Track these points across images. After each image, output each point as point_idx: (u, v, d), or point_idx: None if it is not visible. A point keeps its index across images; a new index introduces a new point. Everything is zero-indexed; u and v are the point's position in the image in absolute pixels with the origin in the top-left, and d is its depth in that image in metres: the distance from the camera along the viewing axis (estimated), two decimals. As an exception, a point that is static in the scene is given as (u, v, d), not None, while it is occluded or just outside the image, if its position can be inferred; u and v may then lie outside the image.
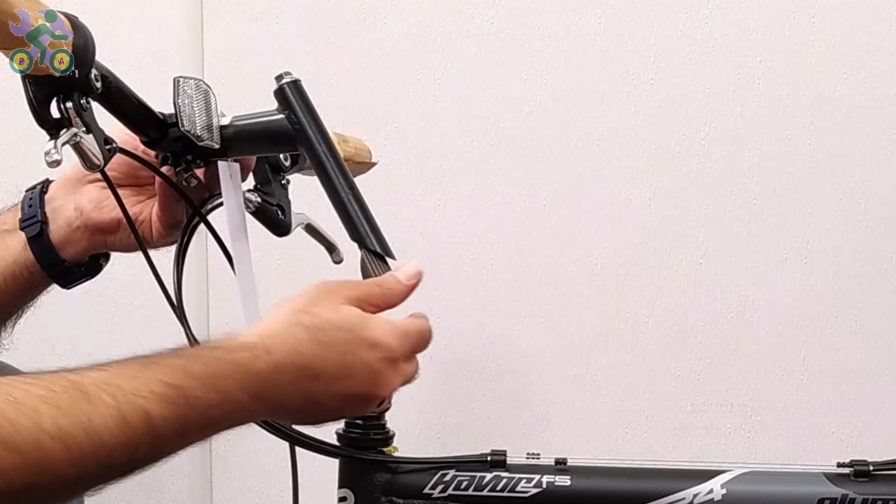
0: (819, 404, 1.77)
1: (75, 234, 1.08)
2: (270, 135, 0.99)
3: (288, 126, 0.98)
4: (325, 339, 0.85)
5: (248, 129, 0.99)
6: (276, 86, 0.98)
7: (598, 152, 1.72)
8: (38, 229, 1.07)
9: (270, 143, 1.00)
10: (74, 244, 1.08)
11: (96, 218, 1.07)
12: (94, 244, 1.09)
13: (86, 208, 1.07)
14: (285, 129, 0.98)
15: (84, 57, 0.83)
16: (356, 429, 1.05)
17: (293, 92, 0.98)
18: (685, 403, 1.77)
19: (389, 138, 1.72)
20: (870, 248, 1.74)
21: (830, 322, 1.75)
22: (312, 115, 0.98)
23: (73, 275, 1.11)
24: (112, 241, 1.09)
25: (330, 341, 0.85)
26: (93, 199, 1.07)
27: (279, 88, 0.98)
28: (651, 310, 1.75)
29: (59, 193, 1.08)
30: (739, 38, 1.70)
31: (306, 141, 0.98)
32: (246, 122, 0.99)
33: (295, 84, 0.98)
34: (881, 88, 1.71)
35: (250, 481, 1.77)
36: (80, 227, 1.07)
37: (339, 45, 1.70)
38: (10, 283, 1.10)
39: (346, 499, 1.04)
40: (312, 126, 0.98)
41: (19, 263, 1.09)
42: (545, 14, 1.70)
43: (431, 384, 1.76)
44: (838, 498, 1.03)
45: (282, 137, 0.98)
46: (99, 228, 1.07)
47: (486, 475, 1.04)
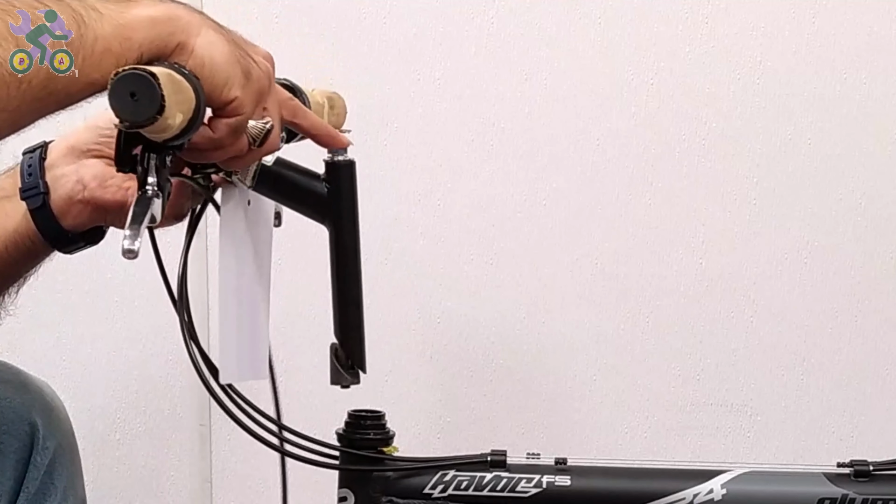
0: (819, 404, 1.77)
1: (76, 206, 1.07)
2: (305, 196, 1.00)
3: (326, 198, 0.99)
4: None
5: (286, 179, 0.99)
6: (330, 158, 0.99)
7: (598, 152, 1.72)
8: (40, 201, 1.06)
9: (299, 203, 1.00)
10: (75, 216, 1.07)
11: (99, 196, 1.06)
12: (95, 219, 1.08)
13: (90, 184, 1.06)
14: (322, 200, 0.99)
15: (195, 122, 0.82)
16: (356, 429, 1.05)
17: (345, 172, 1.00)
18: (685, 403, 1.77)
19: (389, 138, 1.71)
20: (870, 248, 1.74)
21: (830, 322, 1.75)
22: (353, 202, 1.00)
23: (74, 242, 1.10)
24: (112, 220, 1.08)
25: None
26: (97, 174, 1.06)
27: (333, 163, 0.99)
28: (651, 310, 1.75)
29: (60, 161, 1.07)
30: (739, 38, 1.70)
31: (337, 223, 0.99)
32: (288, 172, 0.99)
33: (350, 165, 1.00)
34: (881, 88, 1.71)
35: (250, 481, 1.77)
36: (81, 200, 1.06)
37: (339, 45, 1.70)
38: (11, 251, 1.09)
39: (346, 499, 1.04)
40: (349, 213, 1.00)
41: (20, 232, 1.08)
42: (545, 14, 1.70)
43: (431, 384, 1.76)
44: (838, 498, 1.03)
45: (315, 205, 0.99)
46: (101, 206, 1.06)
47: (486, 475, 1.04)
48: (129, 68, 0.79)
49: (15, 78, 0.75)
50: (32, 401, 1.18)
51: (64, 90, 0.78)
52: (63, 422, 1.21)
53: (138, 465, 1.77)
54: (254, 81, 0.86)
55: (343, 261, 1.01)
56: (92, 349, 1.74)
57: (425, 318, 1.74)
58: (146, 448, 1.77)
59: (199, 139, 0.85)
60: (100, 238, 1.11)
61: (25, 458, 1.16)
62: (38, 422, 1.17)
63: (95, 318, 1.73)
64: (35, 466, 1.16)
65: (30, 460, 1.16)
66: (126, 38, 0.80)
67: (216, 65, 0.83)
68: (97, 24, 0.79)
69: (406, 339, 1.72)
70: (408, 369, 1.73)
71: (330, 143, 0.99)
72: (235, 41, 0.86)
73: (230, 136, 0.86)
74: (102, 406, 1.75)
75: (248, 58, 0.87)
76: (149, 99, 0.78)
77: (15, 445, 1.15)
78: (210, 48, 0.83)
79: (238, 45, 0.86)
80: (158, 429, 1.76)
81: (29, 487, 1.16)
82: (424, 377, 1.75)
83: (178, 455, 1.77)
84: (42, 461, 1.16)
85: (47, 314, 1.69)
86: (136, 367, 1.73)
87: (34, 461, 1.16)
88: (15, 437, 1.15)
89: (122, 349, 1.74)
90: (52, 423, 1.18)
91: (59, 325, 1.72)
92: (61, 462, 1.19)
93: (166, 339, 1.69)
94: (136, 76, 0.78)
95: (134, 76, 0.78)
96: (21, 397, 1.17)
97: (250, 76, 0.86)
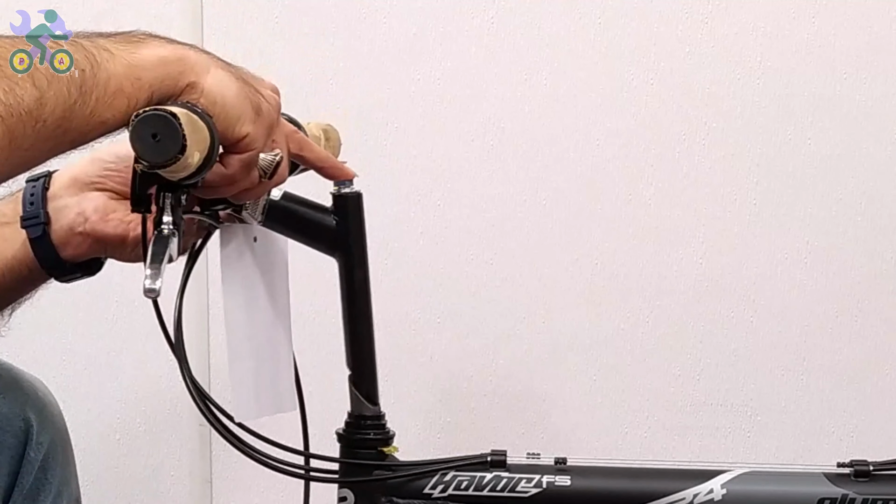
0: (819, 404, 1.77)
1: (77, 238, 1.07)
2: (314, 230, 1.01)
3: (335, 231, 1.00)
4: None
5: (295, 213, 1.01)
6: (337, 190, 1.00)
7: (598, 152, 1.72)
8: (40, 231, 1.06)
9: (308, 236, 1.02)
10: (75, 247, 1.08)
11: (100, 229, 1.06)
12: (94, 251, 1.08)
13: (91, 217, 1.06)
14: (331, 233, 1.00)
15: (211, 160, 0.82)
16: (356, 429, 1.05)
17: (353, 204, 1.01)
18: (685, 403, 1.77)
19: (389, 138, 1.71)
20: (870, 248, 1.74)
21: (830, 322, 1.75)
22: (362, 233, 1.01)
23: (72, 272, 1.11)
24: (111, 252, 1.08)
25: None
26: (99, 207, 1.06)
27: (341, 195, 1.01)
28: (651, 310, 1.75)
29: (63, 192, 1.07)
30: (739, 38, 1.70)
31: (347, 255, 1.01)
32: (295, 207, 1.01)
33: (358, 197, 1.01)
34: (881, 88, 1.71)
35: (250, 481, 1.77)
36: (82, 233, 1.07)
37: (338, 45, 1.70)
38: (7, 277, 1.09)
39: (346, 499, 1.04)
40: (358, 244, 1.01)
41: (18, 259, 1.09)
42: (545, 14, 1.70)
43: (431, 384, 1.76)
44: (838, 498, 1.03)
45: (324, 238, 1.01)
46: (101, 239, 1.07)
47: (486, 475, 1.04)
48: (150, 109, 0.79)
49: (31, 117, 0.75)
50: (25, 397, 1.18)
51: (77, 129, 0.78)
52: (56, 417, 1.21)
53: (138, 465, 1.77)
54: (264, 116, 0.87)
55: (354, 292, 1.03)
56: (92, 349, 1.74)
57: (425, 318, 1.74)
58: (146, 448, 1.77)
59: (212, 176, 0.85)
60: (97, 269, 1.12)
61: (20, 454, 1.16)
62: (32, 417, 1.17)
63: (95, 318, 1.73)
64: (29, 462, 1.16)
65: (24, 456, 1.16)
66: (137, 77, 0.80)
67: (227, 102, 0.84)
68: (109, 63, 0.80)
69: (406, 339, 1.72)
70: (408, 369, 1.73)
71: (336, 175, 1.00)
72: (243, 77, 0.87)
73: (242, 170, 0.87)
74: (102, 406, 1.75)
75: (257, 93, 0.87)
76: (171, 140, 0.78)
77: (9, 442, 1.15)
78: (220, 86, 0.84)
79: (246, 81, 0.87)
80: (158, 429, 1.76)
81: (23, 483, 1.16)
82: (424, 377, 1.75)
83: (178, 455, 1.77)
84: (36, 457, 1.16)
85: (47, 314, 1.69)
86: (136, 367, 1.73)
87: (28, 457, 1.16)
88: (9, 434, 1.15)
89: (122, 349, 1.74)
90: (45, 419, 1.18)
91: (59, 325, 1.72)
92: (55, 458, 1.19)
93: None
94: (159, 117, 0.79)
95: (156, 117, 0.78)
96: (14, 393, 1.17)
97: (260, 111, 0.87)
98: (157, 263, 0.82)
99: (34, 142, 0.76)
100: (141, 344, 1.72)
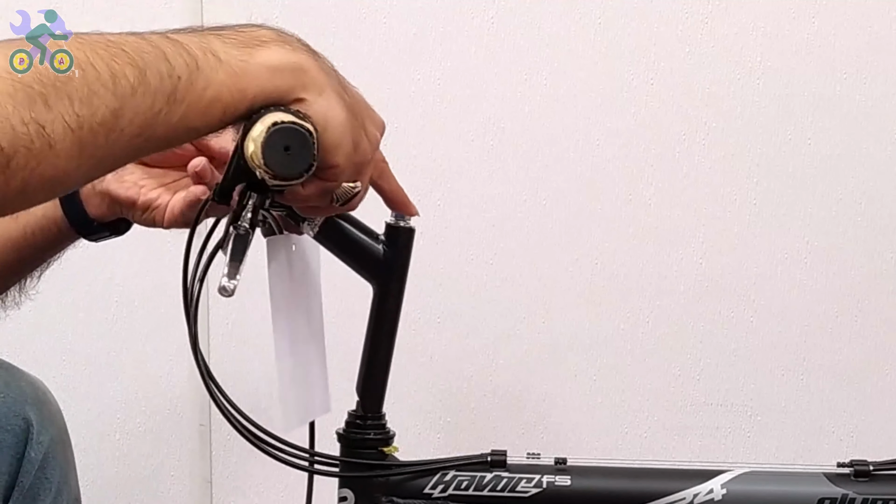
0: (819, 404, 1.77)
1: (96, 197, 1.09)
2: (361, 254, 1.01)
3: (381, 258, 1.00)
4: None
5: (347, 234, 1.01)
6: (394, 221, 1.01)
7: (598, 152, 1.72)
8: None
9: (353, 259, 1.01)
10: (96, 206, 1.10)
11: (113, 190, 1.08)
12: (113, 211, 1.10)
13: (108, 176, 1.07)
14: (377, 259, 1.01)
15: (308, 174, 0.81)
16: (357, 429, 1.05)
17: (404, 238, 1.01)
18: (685, 403, 1.77)
19: (389, 138, 1.71)
20: (870, 248, 1.74)
21: (830, 322, 1.75)
22: (406, 267, 1.02)
23: (99, 231, 1.12)
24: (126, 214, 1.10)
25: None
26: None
27: (396, 227, 1.01)
28: (651, 310, 1.75)
29: None
30: (739, 38, 1.70)
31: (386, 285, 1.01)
32: (349, 228, 1.01)
33: (410, 231, 1.01)
34: (881, 88, 1.72)
35: (250, 481, 1.77)
36: (100, 192, 1.09)
37: (338, 45, 1.70)
38: (38, 236, 1.11)
39: (346, 499, 1.04)
40: (399, 277, 1.02)
41: (48, 217, 1.11)
42: (545, 14, 1.70)
43: (431, 384, 1.76)
44: (838, 498, 1.03)
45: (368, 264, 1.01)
46: (115, 200, 1.08)
47: (486, 475, 1.04)
48: (287, 122, 0.78)
49: (104, 128, 0.72)
50: (25, 395, 1.18)
51: (161, 136, 0.76)
52: (56, 416, 1.22)
53: (138, 465, 1.77)
54: (360, 153, 0.85)
55: (383, 322, 1.04)
56: (92, 349, 1.74)
57: (425, 318, 1.74)
58: (146, 448, 1.77)
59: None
60: (125, 229, 1.14)
61: (20, 452, 1.16)
62: (32, 416, 1.17)
63: (95, 318, 1.73)
64: (29, 461, 1.16)
65: (24, 456, 1.16)
66: (240, 89, 0.78)
67: (329, 130, 0.81)
68: (213, 71, 0.77)
69: (406, 339, 1.72)
70: (408, 369, 1.73)
71: (402, 210, 1.00)
72: (354, 108, 0.85)
73: (318, 196, 0.85)
74: (102, 405, 1.75)
75: (360, 129, 0.85)
76: (303, 155, 0.78)
77: (9, 440, 1.15)
78: (329, 112, 0.82)
79: (355, 113, 0.85)
80: (158, 429, 1.76)
81: (23, 482, 1.16)
82: (424, 377, 1.75)
83: (178, 455, 1.77)
84: (36, 456, 1.17)
85: (47, 314, 1.69)
86: (136, 367, 1.73)
87: (28, 456, 1.16)
88: (9, 432, 1.16)
89: (122, 349, 1.74)
90: (45, 418, 1.19)
91: (59, 325, 1.72)
92: (55, 456, 1.19)
93: (166, 338, 1.70)
94: (296, 132, 0.78)
95: (294, 131, 0.78)
96: (14, 392, 1.17)
97: (358, 148, 0.85)
98: (237, 262, 0.81)
99: (108, 151, 0.73)
100: (141, 344, 1.72)
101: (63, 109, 0.70)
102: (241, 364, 1.68)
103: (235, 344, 1.71)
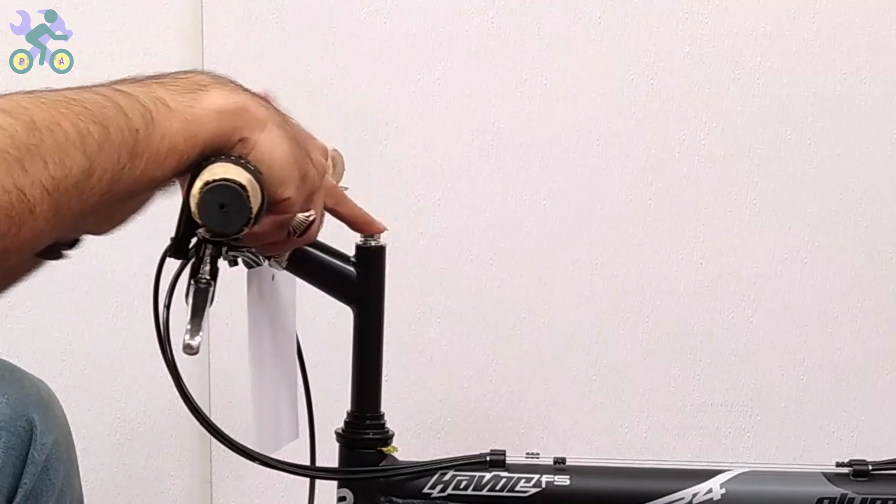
0: (819, 404, 1.77)
1: None
2: (333, 279, 1.01)
3: (355, 281, 1.00)
4: None
5: (316, 260, 1.00)
6: (363, 242, 1.00)
7: (598, 152, 1.72)
8: None
9: (327, 285, 1.01)
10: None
11: None
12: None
13: None
14: (350, 282, 1.00)
15: (258, 219, 0.80)
16: (356, 429, 1.05)
17: (376, 257, 1.01)
18: (685, 403, 1.77)
19: (389, 138, 1.72)
20: (870, 248, 1.74)
21: (830, 322, 1.75)
22: (381, 285, 1.01)
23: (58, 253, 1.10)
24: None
25: None
26: None
27: (366, 247, 1.01)
28: (651, 310, 1.75)
29: None
30: (739, 38, 1.70)
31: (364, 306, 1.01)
32: (317, 254, 1.00)
33: (381, 250, 1.01)
34: (881, 88, 1.71)
35: (250, 481, 1.77)
36: None
37: (338, 45, 1.70)
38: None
39: (345, 499, 1.04)
40: (376, 297, 1.01)
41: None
42: (545, 14, 1.70)
43: (431, 384, 1.76)
44: (837, 498, 1.03)
45: (343, 288, 1.01)
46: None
47: (485, 475, 1.04)
48: (219, 179, 0.77)
49: (77, 189, 0.71)
50: (29, 396, 1.18)
51: (124, 190, 0.76)
52: (59, 417, 1.21)
53: (138, 465, 1.77)
54: (308, 182, 0.85)
55: (367, 342, 1.03)
56: (92, 349, 1.74)
57: (425, 318, 1.74)
58: (146, 448, 1.77)
59: None
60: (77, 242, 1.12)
61: (23, 454, 1.16)
62: (35, 418, 1.17)
63: (95, 319, 1.73)
64: (33, 463, 1.16)
65: (27, 457, 1.16)
66: (193, 134, 0.78)
67: (275, 165, 0.81)
68: (166, 120, 0.77)
69: (406, 339, 1.72)
70: (408, 369, 1.73)
71: (367, 231, 1.00)
72: (297, 138, 0.85)
73: (274, 231, 0.85)
74: (103, 406, 1.75)
75: (306, 158, 0.85)
76: (239, 212, 0.77)
77: (13, 442, 1.15)
78: (272, 147, 0.81)
79: (299, 143, 0.85)
80: (158, 429, 1.76)
81: (26, 483, 1.16)
82: (424, 377, 1.75)
83: (178, 455, 1.78)
84: (40, 458, 1.16)
85: (47, 314, 1.69)
86: (136, 367, 1.73)
87: (31, 457, 1.16)
88: (12, 434, 1.15)
89: (123, 349, 1.74)
90: (49, 420, 1.18)
91: (59, 325, 1.72)
92: (58, 458, 1.19)
93: (166, 338, 1.69)
94: (228, 188, 0.77)
95: (225, 188, 0.77)
96: (17, 393, 1.17)
97: (306, 178, 0.84)
98: (199, 318, 0.79)
99: (80, 210, 0.73)
100: (141, 344, 1.72)
101: (39, 173, 0.69)
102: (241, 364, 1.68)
103: (236, 344, 1.71)
